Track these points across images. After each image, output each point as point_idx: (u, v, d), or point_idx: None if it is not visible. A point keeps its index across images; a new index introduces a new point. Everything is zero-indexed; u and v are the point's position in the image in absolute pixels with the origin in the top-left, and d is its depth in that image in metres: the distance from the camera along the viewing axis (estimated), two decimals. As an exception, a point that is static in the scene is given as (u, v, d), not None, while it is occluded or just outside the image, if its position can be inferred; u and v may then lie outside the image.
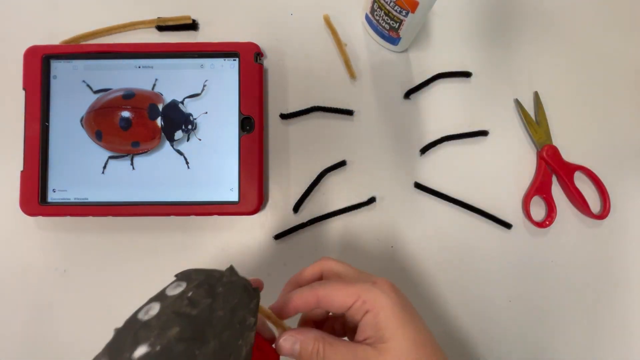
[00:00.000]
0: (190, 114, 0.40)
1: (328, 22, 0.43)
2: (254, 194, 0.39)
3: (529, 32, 0.44)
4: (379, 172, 0.42)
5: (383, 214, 0.42)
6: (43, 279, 0.41)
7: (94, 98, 0.40)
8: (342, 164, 0.42)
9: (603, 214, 0.42)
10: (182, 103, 0.40)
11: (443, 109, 0.43)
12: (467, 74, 0.43)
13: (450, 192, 0.42)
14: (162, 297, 0.22)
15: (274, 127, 0.42)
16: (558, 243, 0.42)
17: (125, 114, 0.40)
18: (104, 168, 0.40)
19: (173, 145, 0.40)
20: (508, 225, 0.42)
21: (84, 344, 0.40)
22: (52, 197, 0.40)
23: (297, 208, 0.41)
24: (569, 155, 0.42)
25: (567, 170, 0.42)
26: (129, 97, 0.40)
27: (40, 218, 0.41)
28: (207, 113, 0.40)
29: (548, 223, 0.42)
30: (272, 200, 0.42)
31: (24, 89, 0.40)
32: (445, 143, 0.42)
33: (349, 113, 0.42)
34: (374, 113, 0.43)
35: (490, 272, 0.41)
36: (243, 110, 0.40)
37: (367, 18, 0.42)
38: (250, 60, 0.40)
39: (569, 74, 0.44)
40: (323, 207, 0.42)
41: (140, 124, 0.40)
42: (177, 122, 0.40)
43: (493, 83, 0.43)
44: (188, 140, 0.40)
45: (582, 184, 0.42)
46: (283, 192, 0.42)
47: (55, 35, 0.42)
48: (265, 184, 0.42)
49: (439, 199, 0.42)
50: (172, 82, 0.40)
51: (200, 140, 0.40)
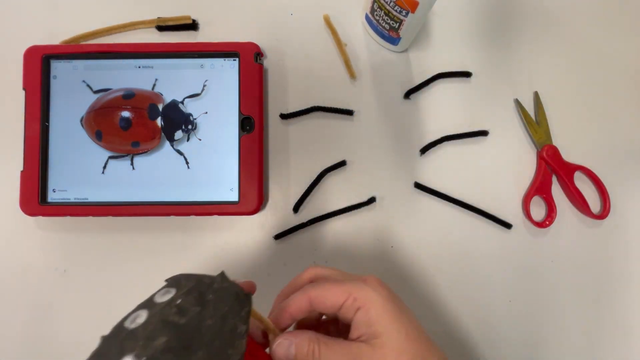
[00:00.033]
0: (190, 114, 0.40)
1: (328, 22, 0.43)
2: (254, 194, 0.39)
3: (529, 32, 0.44)
4: (379, 172, 0.42)
5: (383, 214, 0.42)
6: (43, 279, 0.41)
7: (94, 98, 0.40)
8: (342, 164, 0.42)
9: (603, 214, 0.42)
10: (182, 103, 0.40)
11: (443, 109, 0.43)
12: (467, 74, 0.43)
13: (450, 192, 0.42)
14: (150, 304, 0.22)
15: (274, 127, 0.42)
16: (558, 243, 0.42)
17: (125, 114, 0.40)
18: (104, 168, 0.40)
19: (173, 145, 0.40)
20: (508, 225, 0.42)
21: (84, 344, 0.39)
22: (52, 197, 0.40)
23: (297, 208, 0.41)
24: (569, 155, 0.42)
25: (567, 170, 0.42)
26: (129, 97, 0.40)
27: (40, 218, 0.41)
28: (207, 113, 0.40)
29: (548, 223, 0.42)
30: (272, 200, 0.42)
31: (24, 89, 0.40)
32: (445, 143, 0.42)
33: (349, 113, 0.42)
34: (374, 113, 0.43)
35: (490, 272, 0.41)
36: (243, 110, 0.40)
37: (367, 18, 0.42)
38: (250, 60, 0.40)
39: (569, 74, 0.44)
40: (323, 207, 0.42)
41: (140, 124, 0.40)
42: (177, 122, 0.40)
43: (493, 83, 0.43)
44: (188, 140, 0.40)
45: (582, 184, 0.42)
46: (283, 192, 0.42)
47: (55, 35, 0.42)
48: (265, 184, 0.42)
49: (439, 199, 0.42)
50: (172, 82, 0.40)
51: (200, 140, 0.40)
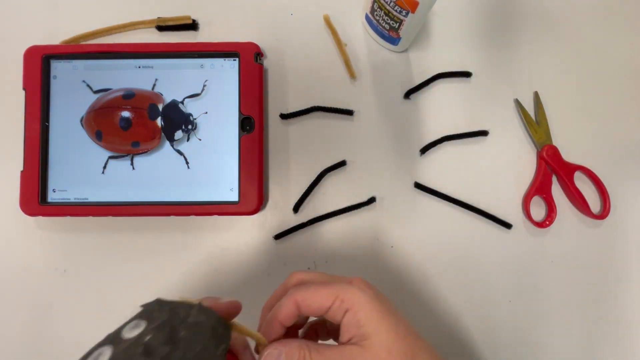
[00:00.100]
0: (190, 114, 0.40)
1: (328, 22, 0.43)
2: (254, 194, 0.39)
3: (529, 32, 0.44)
4: (379, 172, 0.42)
5: (383, 214, 0.42)
6: (43, 279, 0.41)
7: (94, 98, 0.40)
8: (342, 164, 0.42)
9: (603, 214, 0.42)
10: (182, 103, 0.40)
11: (443, 109, 0.43)
12: (467, 74, 0.43)
13: (450, 192, 0.42)
14: (116, 339, 0.20)
15: (274, 127, 0.42)
16: (558, 243, 0.42)
17: (125, 114, 0.40)
18: (104, 168, 0.40)
19: (173, 145, 0.40)
20: (508, 225, 0.42)
21: (84, 344, 0.39)
22: (52, 197, 0.40)
23: (297, 208, 0.41)
24: (569, 155, 0.42)
25: (567, 170, 0.42)
26: (129, 97, 0.40)
27: (40, 218, 0.41)
28: (207, 113, 0.40)
29: (548, 223, 0.42)
30: (272, 200, 0.42)
31: (24, 89, 0.40)
32: (445, 143, 0.42)
33: (349, 113, 0.42)
34: (374, 113, 0.43)
35: (490, 272, 0.41)
36: (243, 110, 0.40)
37: (367, 18, 0.42)
38: (250, 60, 0.40)
39: (569, 74, 0.44)
40: (323, 207, 0.42)
41: (140, 124, 0.40)
42: (177, 122, 0.40)
43: (493, 83, 0.43)
44: (188, 140, 0.40)
45: (582, 184, 0.42)
46: (283, 192, 0.42)
47: (55, 35, 0.42)
48: (265, 184, 0.42)
49: (439, 199, 0.42)
50: (172, 82, 0.40)
51: (200, 140, 0.40)
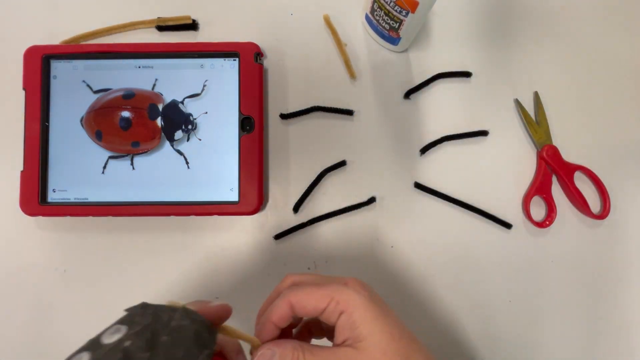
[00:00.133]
0: (190, 114, 0.40)
1: (328, 22, 0.43)
2: (254, 194, 0.39)
3: (529, 32, 0.44)
4: (379, 172, 0.42)
5: (383, 214, 0.42)
6: (43, 279, 0.41)
7: (94, 98, 0.40)
8: (342, 164, 0.42)
9: (603, 214, 0.42)
10: (182, 103, 0.40)
11: (443, 109, 0.43)
12: (467, 74, 0.43)
13: (450, 192, 0.42)
14: (95, 345, 0.20)
15: (274, 127, 0.42)
16: (558, 243, 0.42)
17: (125, 114, 0.40)
18: (104, 168, 0.40)
19: (173, 145, 0.40)
20: (508, 225, 0.42)
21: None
22: (52, 197, 0.40)
23: (297, 208, 0.41)
24: (569, 155, 0.42)
25: (567, 170, 0.42)
26: (129, 97, 0.40)
27: (40, 218, 0.41)
28: (207, 113, 0.40)
29: (548, 223, 0.42)
30: (272, 200, 0.42)
31: (24, 89, 0.40)
32: (445, 143, 0.42)
33: (349, 113, 0.42)
34: (374, 113, 0.43)
35: (490, 272, 0.41)
36: (243, 110, 0.40)
37: (367, 18, 0.41)
38: (250, 60, 0.40)
39: (569, 74, 0.44)
40: (323, 207, 0.42)
41: (140, 124, 0.40)
42: (177, 122, 0.40)
43: (493, 83, 0.43)
44: (188, 140, 0.40)
45: (582, 184, 0.42)
46: (283, 192, 0.42)
47: (55, 35, 0.42)
48: (265, 184, 0.42)
49: (439, 199, 0.42)
50: (172, 82, 0.40)
51: (200, 140, 0.40)
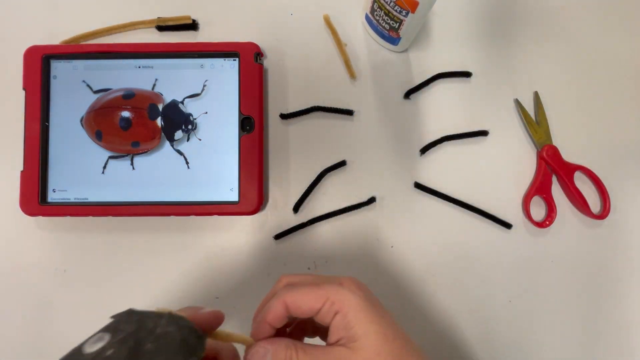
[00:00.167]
0: (190, 114, 0.40)
1: (328, 22, 0.43)
2: (254, 194, 0.39)
3: (529, 32, 0.44)
4: (379, 172, 0.42)
5: (383, 214, 0.42)
6: (43, 279, 0.41)
7: (94, 98, 0.40)
8: (342, 164, 0.42)
9: (603, 214, 0.42)
10: (182, 103, 0.40)
11: (443, 109, 0.43)
12: (467, 74, 0.43)
13: (450, 192, 0.42)
14: (77, 355, 0.19)
15: (274, 127, 0.42)
16: (558, 243, 0.42)
17: (125, 114, 0.40)
18: (104, 168, 0.40)
19: (173, 145, 0.40)
20: (508, 225, 0.42)
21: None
22: (52, 197, 0.40)
23: (297, 208, 0.41)
24: (569, 155, 0.42)
25: (567, 170, 0.42)
26: (129, 97, 0.40)
27: (40, 218, 0.41)
28: (207, 113, 0.40)
29: (548, 223, 0.42)
30: (272, 200, 0.42)
31: (24, 89, 0.40)
32: (445, 143, 0.42)
33: (349, 113, 0.42)
34: (374, 113, 0.43)
35: (490, 272, 0.41)
36: (243, 110, 0.40)
37: (367, 18, 0.42)
38: (250, 60, 0.40)
39: (569, 74, 0.44)
40: (323, 207, 0.42)
41: (140, 124, 0.40)
42: (177, 122, 0.40)
43: (493, 83, 0.43)
44: (188, 140, 0.40)
45: (582, 184, 0.42)
46: (283, 192, 0.42)
47: (55, 35, 0.42)
48: (265, 184, 0.42)
49: (439, 199, 0.42)
50: (172, 82, 0.40)
51: (200, 140, 0.40)
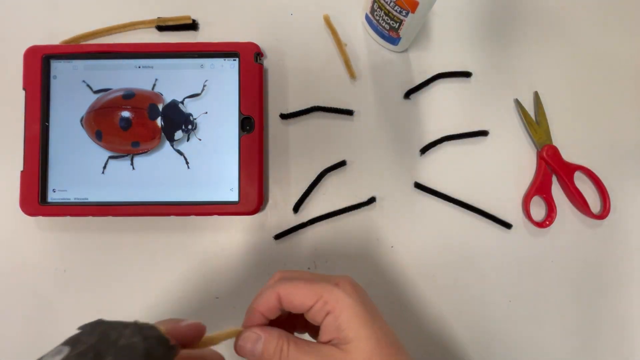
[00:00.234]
0: (190, 114, 0.40)
1: (328, 22, 0.43)
2: (254, 194, 0.39)
3: (529, 32, 0.44)
4: (379, 172, 0.42)
5: (383, 214, 0.42)
6: (43, 279, 0.41)
7: (94, 98, 0.40)
8: (342, 164, 0.42)
9: (603, 214, 0.42)
10: (182, 103, 0.40)
11: (443, 109, 0.43)
12: (467, 74, 0.43)
13: (450, 192, 0.42)
14: None
15: (274, 127, 0.42)
16: (558, 243, 0.42)
17: (125, 114, 0.40)
18: (104, 168, 0.40)
19: (173, 145, 0.40)
20: (508, 225, 0.42)
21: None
22: (52, 197, 0.40)
23: (297, 208, 0.41)
24: (569, 155, 0.42)
25: (567, 170, 0.42)
26: (129, 97, 0.40)
27: (40, 218, 0.41)
28: (207, 113, 0.40)
29: (548, 223, 0.42)
30: (272, 200, 0.42)
31: (24, 89, 0.40)
32: (445, 143, 0.42)
33: (349, 113, 0.42)
34: (374, 113, 0.43)
35: (490, 272, 0.41)
36: (243, 110, 0.40)
37: (367, 18, 0.42)
38: (250, 60, 0.40)
39: (569, 74, 0.44)
40: (323, 207, 0.42)
41: (140, 124, 0.40)
42: (177, 122, 0.40)
43: (493, 83, 0.43)
44: (188, 140, 0.40)
45: (582, 184, 0.42)
46: (283, 192, 0.42)
47: (55, 35, 0.42)
48: (265, 184, 0.42)
49: (439, 199, 0.42)
50: (172, 82, 0.40)
51: (200, 140, 0.40)
